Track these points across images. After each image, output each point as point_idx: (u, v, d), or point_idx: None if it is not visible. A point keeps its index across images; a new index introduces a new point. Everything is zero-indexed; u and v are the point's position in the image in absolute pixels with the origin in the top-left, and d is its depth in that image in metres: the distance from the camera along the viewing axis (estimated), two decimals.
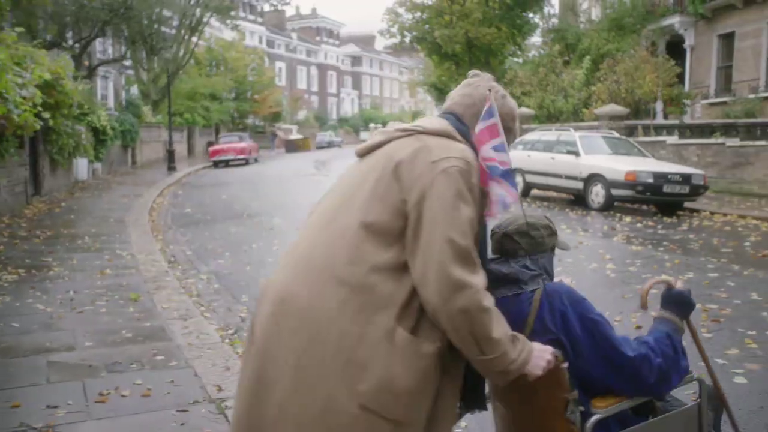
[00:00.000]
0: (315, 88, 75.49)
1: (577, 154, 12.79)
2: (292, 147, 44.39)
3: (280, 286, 1.75)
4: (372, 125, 75.30)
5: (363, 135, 74.42)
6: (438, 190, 1.63)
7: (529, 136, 15.19)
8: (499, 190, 1.80)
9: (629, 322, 4.99)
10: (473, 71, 2.06)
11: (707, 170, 14.80)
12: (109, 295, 5.89)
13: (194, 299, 6.18)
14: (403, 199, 1.66)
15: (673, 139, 16.42)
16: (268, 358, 1.70)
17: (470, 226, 1.65)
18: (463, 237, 1.61)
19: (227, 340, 4.88)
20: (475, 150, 1.80)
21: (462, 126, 1.88)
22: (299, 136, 48.19)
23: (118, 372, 3.94)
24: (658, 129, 18.06)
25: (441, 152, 1.70)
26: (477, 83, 1.96)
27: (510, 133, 1.95)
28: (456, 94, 1.98)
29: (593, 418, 1.87)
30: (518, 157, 14.47)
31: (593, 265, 7.00)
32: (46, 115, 9.15)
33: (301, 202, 13.78)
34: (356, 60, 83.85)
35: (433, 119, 1.89)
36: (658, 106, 22.28)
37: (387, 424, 1.61)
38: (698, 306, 5.29)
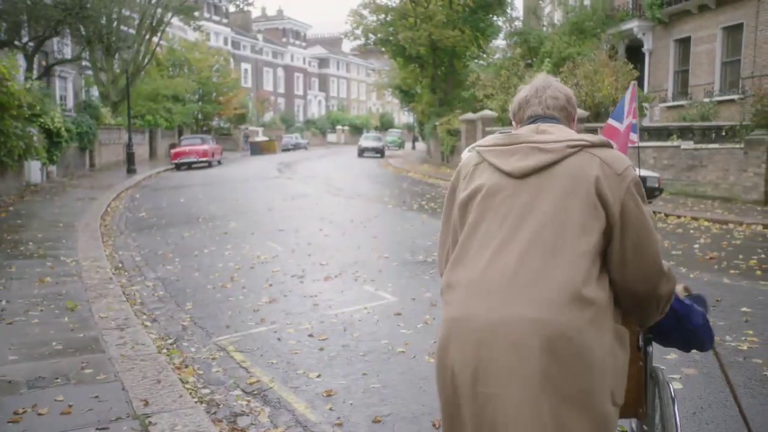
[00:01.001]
0: (282, 89, 74.98)
1: None
2: (256, 149, 43.92)
3: (497, 315, 1.75)
4: (339, 127, 75.34)
5: (330, 137, 74.26)
6: (634, 201, 1.83)
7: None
8: None
9: None
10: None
11: (664, 172, 15.03)
12: (44, 305, 5.67)
13: (136, 308, 6.00)
14: (605, 216, 1.81)
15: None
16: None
17: None
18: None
19: (164, 351, 4.73)
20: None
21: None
22: (264, 138, 47.72)
23: (40, 388, 3.76)
24: None
25: (619, 164, 1.87)
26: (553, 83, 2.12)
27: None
28: (564, 99, 2.08)
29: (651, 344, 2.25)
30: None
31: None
32: None
33: (259, 206, 13.64)
34: (323, 62, 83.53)
35: (563, 129, 1.98)
36: None
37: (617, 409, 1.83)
38: None
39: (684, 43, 21.50)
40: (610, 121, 8.66)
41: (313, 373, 4.25)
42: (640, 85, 22.63)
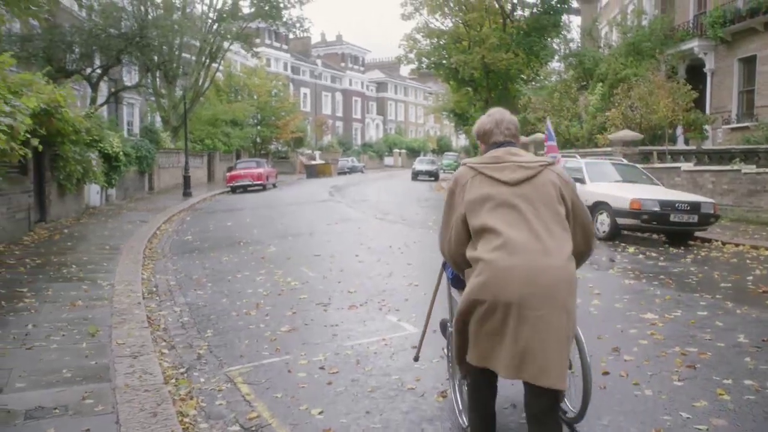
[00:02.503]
0: (340, 113, 76.02)
1: (582, 181, 12.43)
2: (313, 172, 44.52)
3: (534, 264, 2.76)
4: (396, 150, 75.64)
5: (387, 160, 74.61)
6: (576, 196, 3.03)
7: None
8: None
9: (597, 365, 4.65)
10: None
11: (723, 198, 14.32)
12: (68, 330, 5.74)
13: (159, 333, 6.02)
14: (564, 205, 2.94)
15: (687, 165, 15.94)
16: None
17: None
18: None
19: (173, 380, 4.68)
20: None
21: None
22: (320, 162, 48.33)
23: (35, 419, 3.74)
24: (676, 155, 17.58)
25: (566, 176, 3.04)
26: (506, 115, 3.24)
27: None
28: (514, 128, 3.18)
29: None
30: None
31: (578, 300, 6.63)
32: (35, 142, 9.11)
33: (301, 230, 13.67)
34: (381, 85, 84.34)
35: (527, 154, 3.08)
36: (679, 131, 21.78)
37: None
38: (676, 349, 4.97)
39: (749, 63, 20.61)
40: (548, 143, 12.65)
41: (315, 410, 4.10)
42: (702, 106, 21.78)
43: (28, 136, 8.84)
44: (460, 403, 3.71)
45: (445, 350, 4.22)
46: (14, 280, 8.04)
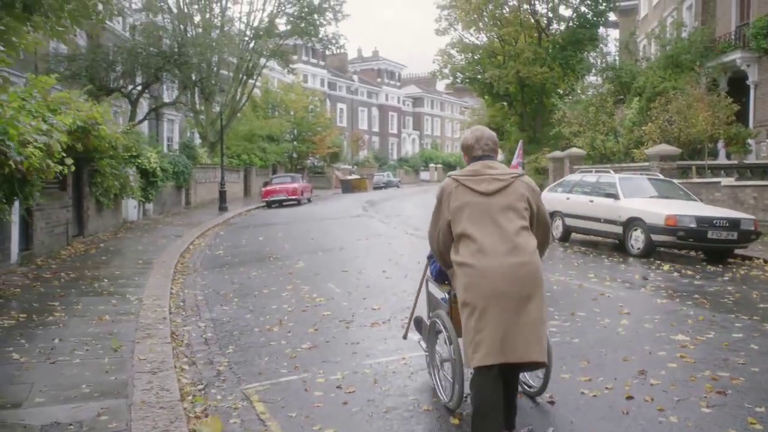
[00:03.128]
0: (376, 128, 76.39)
1: (616, 197, 12.17)
2: (348, 187, 44.71)
3: (514, 263, 3.41)
4: (432, 165, 75.54)
5: (423, 175, 74.55)
6: (541, 202, 3.66)
7: (570, 178, 14.62)
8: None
9: (621, 389, 4.49)
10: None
11: (766, 214, 13.85)
12: (92, 344, 5.81)
13: (181, 349, 6.06)
14: (530, 209, 3.57)
15: (728, 180, 15.48)
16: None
17: None
18: None
19: (190, 397, 4.69)
20: None
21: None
22: (356, 177, 48.54)
23: None
24: (716, 170, 17.11)
25: (534, 185, 3.65)
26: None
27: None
28: (492, 143, 3.76)
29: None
30: (557, 199, 13.97)
31: (606, 320, 6.46)
32: (69, 161, 9.34)
33: (331, 245, 13.68)
34: (417, 101, 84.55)
35: (502, 166, 3.66)
36: (720, 145, 21.20)
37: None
38: (707, 373, 4.77)
39: None
40: (515, 161, 13.04)
41: (328, 430, 4.05)
42: (745, 119, 21.18)
43: (63, 155, 9.05)
44: (439, 383, 4.44)
45: (421, 344, 4.90)
46: (48, 293, 8.21)
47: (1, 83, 6.52)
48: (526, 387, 4.33)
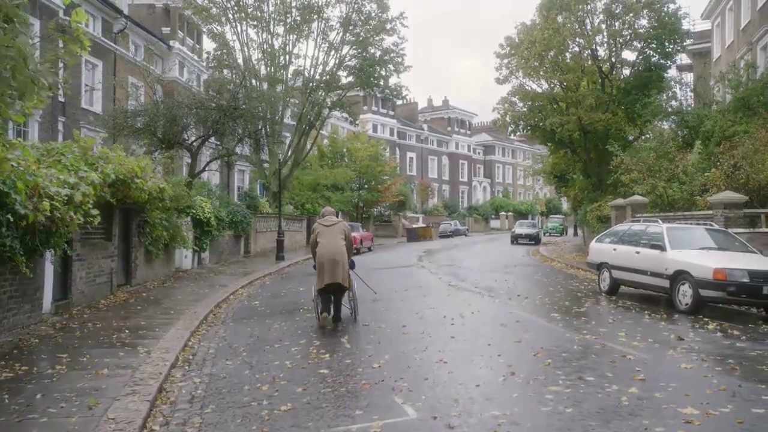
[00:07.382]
0: (446, 176, 76.37)
1: (662, 248, 11.40)
2: (413, 236, 44.56)
3: (333, 250, 10.07)
4: (502, 213, 74.52)
5: (493, 223, 73.63)
6: (350, 232, 10.77)
7: (618, 228, 13.88)
8: None
9: None
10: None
11: None
12: (71, 401, 5.75)
13: (164, 407, 5.94)
14: (345, 235, 10.47)
15: None
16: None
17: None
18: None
19: None
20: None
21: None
22: (421, 225, 48.39)
23: None
24: None
25: (347, 225, 10.80)
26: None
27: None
28: (328, 211, 11.05)
29: None
30: (604, 250, 13.27)
31: (613, 387, 5.85)
32: (94, 212, 9.62)
33: (368, 296, 13.36)
34: (488, 148, 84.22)
35: (334, 218, 10.75)
36: None
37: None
38: None
39: None
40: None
41: None
42: None
43: (89, 206, 9.32)
44: (318, 310, 10.17)
45: (314, 301, 10.61)
46: (63, 345, 8.34)
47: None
48: (346, 308, 10.60)
